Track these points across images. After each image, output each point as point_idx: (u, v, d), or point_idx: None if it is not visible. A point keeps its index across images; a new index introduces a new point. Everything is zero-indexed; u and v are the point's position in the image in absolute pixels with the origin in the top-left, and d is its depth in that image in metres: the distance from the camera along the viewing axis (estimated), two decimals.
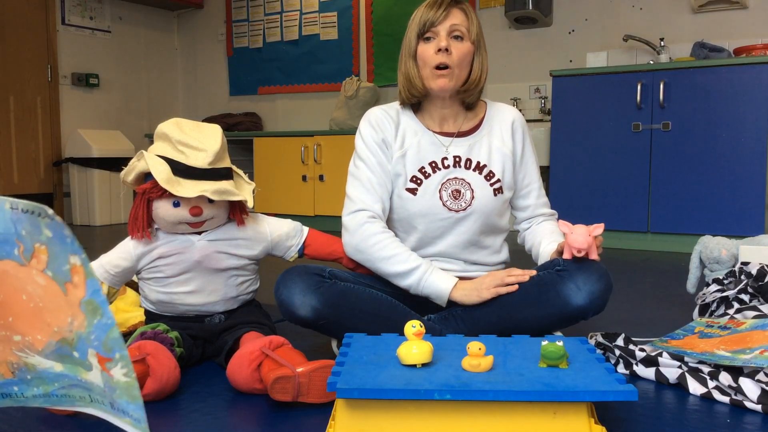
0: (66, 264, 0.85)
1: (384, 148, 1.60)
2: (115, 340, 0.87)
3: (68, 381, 0.89)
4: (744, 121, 3.18)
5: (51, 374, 0.88)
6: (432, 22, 1.53)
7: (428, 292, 1.51)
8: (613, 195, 3.50)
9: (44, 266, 0.86)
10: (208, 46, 5.76)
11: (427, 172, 1.59)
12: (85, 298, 0.86)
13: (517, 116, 1.68)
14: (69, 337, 0.88)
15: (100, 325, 0.87)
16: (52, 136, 5.06)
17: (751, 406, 1.21)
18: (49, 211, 0.83)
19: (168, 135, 1.42)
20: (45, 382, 0.88)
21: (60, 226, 0.83)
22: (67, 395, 0.91)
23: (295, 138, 4.63)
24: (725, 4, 3.71)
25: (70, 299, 0.87)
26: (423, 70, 1.56)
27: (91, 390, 0.90)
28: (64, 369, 0.89)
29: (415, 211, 1.58)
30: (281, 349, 1.31)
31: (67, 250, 0.84)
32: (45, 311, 0.87)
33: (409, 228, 1.61)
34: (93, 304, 0.86)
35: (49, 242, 0.85)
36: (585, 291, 1.41)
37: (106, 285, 1.50)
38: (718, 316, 1.67)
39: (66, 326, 0.87)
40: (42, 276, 0.86)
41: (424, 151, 1.60)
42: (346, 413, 1.03)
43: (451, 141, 1.62)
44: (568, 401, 0.99)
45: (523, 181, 1.68)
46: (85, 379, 0.90)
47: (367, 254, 1.54)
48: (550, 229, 1.67)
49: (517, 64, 4.36)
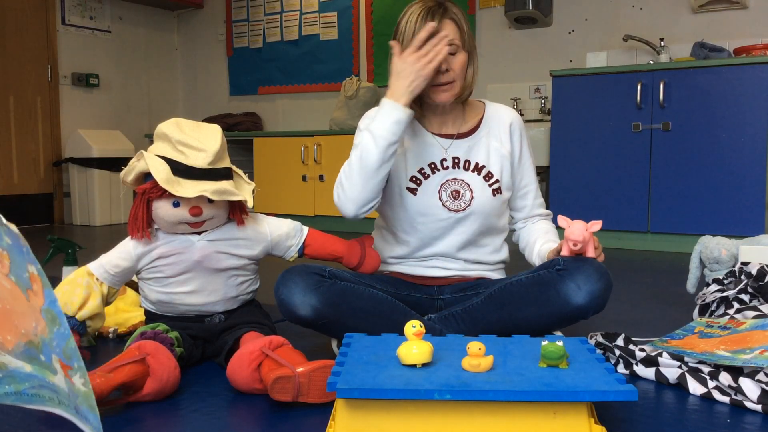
0: (25, 272, 0.87)
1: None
2: (72, 349, 0.90)
3: (38, 381, 0.90)
4: (744, 121, 3.18)
5: (22, 374, 0.89)
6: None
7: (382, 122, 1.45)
8: (613, 195, 3.50)
9: (8, 271, 0.87)
10: (208, 46, 5.76)
11: (427, 173, 1.59)
12: (44, 306, 0.88)
13: (515, 117, 1.68)
14: (35, 340, 0.90)
15: (59, 333, 0.89)
16: (52, 136, 5.06)
17: (751, 406, 1.21)
18: (3, 220, 0.85)
19: (168, 135, 1.42)
20: (16, 380, 0.88)
21: (16, 235, 0.85)
22: (37, 395, 0.92)
23: (295, 138, 4.63)
24: (725, 4, 3.71)
25: (33, 305, 0.88)
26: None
27: (58, 392, 0.91)
28: (33, 370, 0.90)
29: (415, 210, 1.58)
30: (281, 349, 1.31)
31: (25, 260, 0.86)
32: (12, 313, 0.88)
33: (410, 228, 1.61)
34: (51, 313, 0.88)
35: (9, 249, 0.86)
36: (585, 290, 1.41)
37: (106, 285, 1.50)
38: (718, 316, 1.67)
39: (31, 330, 0.89)
40: (7, 280, 0.87)
41: (424, 153, 1.60)
42: (346, 413, 1.03)
43: (451, 143, 1.62)
44: (568, 401, 0.99)
45: (520, 183, 1.68)
46: (52, 382, 0.91)
47: (354, 172, 1.48)
48: (545, 228, 1.67)
49: (517, 64, 4.36)
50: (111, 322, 1.79)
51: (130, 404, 1.26)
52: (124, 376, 1.23)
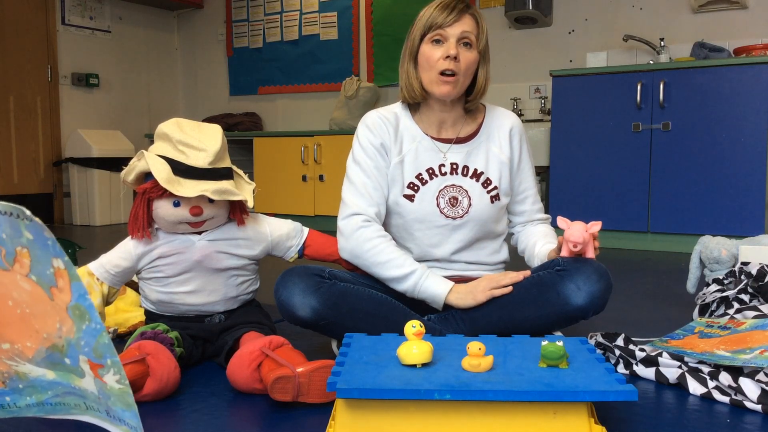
0: (49, 268, 0.81)
1: (382, 152, 1.59)
2: (105, 345, 0.83)
3: (62, 389, 0.86)
4: (744, 121, 3.18)
5: (44, 382, 0.84)
6: (441, 24, 1.50)
7: (424, 297, 1.51)
8: (613, 195, 3.50)
9: (28, 270, 0.82)
10: (208, 46, 5.76)
11: (424, 179, 1.59)
12: (71, 303, 0.82)
13: (516, 122, 1.67)
14: (59, 343, 0.84)
15: (89, 330, 0.83)
16: (52, 136, 5.06)
17: (751, 406, 1.21)
18: (27, 212, 0.79)
19: (168, 135, 1.42)
20: (38, 390, 0.84)
21: (40, 228, 0.79)
22: (61, 403, 0.88)
23: (295, 138, 4.63)
24: (725, 4, 3.71)
25: (57, 304, 0.83)
26: (425, 73, 1.53)
27: (85, 397, 0.87)
28: (56, 376, 0.85)
29: (412, 217, 1.58)
30: (281, 349, 1.31)
31: (49, 254, 0.80)
32: (32, 317, 0.84)
33: (407, 235, 1.61)
34: (80, 308, 0.82)
35: (30, 245, 0.81)
36: (585, 291, 1.41)
37: (106, 285, 1.50)
38: (718, 316, 1.67)
39: (55, 332, 0.84)
40: (26, 281, 0.82)
41: (422, 158, 1.59)
42: (346, 413, 1.03)
43: (449, 147, 1.61)
44: (568, 401, 0.99)
45: (519, 188, 1.68)
46: (78, 387, 0.87)
47: (363, 259, 1.54)
48: (544, 231, 1.67)
49: (517, 64, 4.36)
50: (111, 322, 1.79)
51: None
52: None
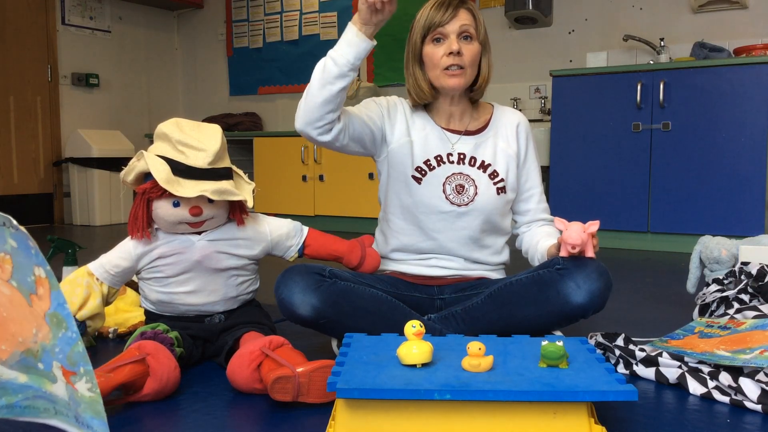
0: (31, 275, 0.84)
1: (383, 116, 1.61)
2: (79, 354, 0.86)
3: (32, 392, 0.87)
4: (744, 121, 3.18)
5: (15, 385, 0.86)
6: (439, 23, 1.52)
7: (342, 45, 1.42)
8: (613, 195, 3.50)
9: (9, 276, 0.84)
10: (208, 46, 5.76)
11: (432, 165, 1.61)
12: (49, 311, 0.85)
13: (523, 120, 1.70)
14: (34, 348, 0.87)
15: (64, 338, 0.86)
16: (52, 136, 5.06)
17: (751, 406, 1.21)
18: (14, 221, 0.82)
19: (168, 135, 1.42)
20: (8, 393, 0.85)
21: (24, 236, 0.82)
22: (30, 406, 0.90)
23: (295, 138, 4.62)
24: (725, 4, 3.70)
25: (35, 310, 0.85)
26: (432, 71, 1.57)
27: (55, 402, 0.89)
28: (28, 380, 0.87)
29: (418, 199, 1.59)
30: (281, 349, 1.31)
31: (32, 262, 0.83)
32: (9, 321, 0.85)
33: (412, 219, 1.62)
34: (58, 316, 0.85)
35: (13, 252, 0.84)
36: (585, 289, 1.41)
37: (106, 285, 1.50)
38: (718, 316, 1.67)
39: (31, 337, 0.86)
40: (6, 285, 0.85)
41: (431, 144, 1.62)
42: (346, 413, 1.03)
43: (458, 138, 1.64)
44: (568, 401, 0.99)
45: (525, 185, 1.68)
46: (49, 391, 0.88)
47: (308, 97, 1.45)
48: (548, 232, 1.67)
49: (517, 64, 4.36)
50: (111, 322, 1.79)
51: (130, 404, 1.26)
52: (124, 376, 1.23)
